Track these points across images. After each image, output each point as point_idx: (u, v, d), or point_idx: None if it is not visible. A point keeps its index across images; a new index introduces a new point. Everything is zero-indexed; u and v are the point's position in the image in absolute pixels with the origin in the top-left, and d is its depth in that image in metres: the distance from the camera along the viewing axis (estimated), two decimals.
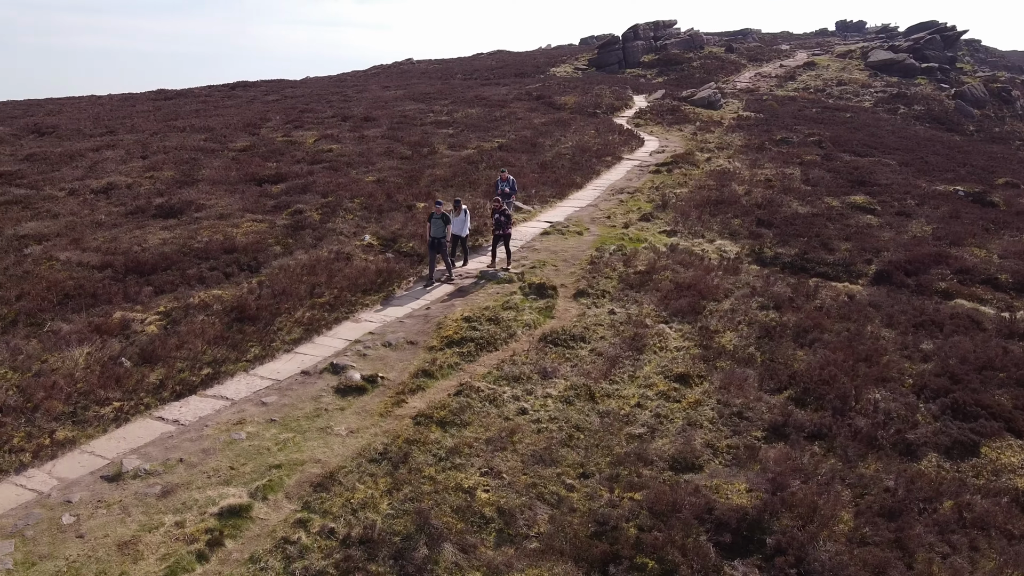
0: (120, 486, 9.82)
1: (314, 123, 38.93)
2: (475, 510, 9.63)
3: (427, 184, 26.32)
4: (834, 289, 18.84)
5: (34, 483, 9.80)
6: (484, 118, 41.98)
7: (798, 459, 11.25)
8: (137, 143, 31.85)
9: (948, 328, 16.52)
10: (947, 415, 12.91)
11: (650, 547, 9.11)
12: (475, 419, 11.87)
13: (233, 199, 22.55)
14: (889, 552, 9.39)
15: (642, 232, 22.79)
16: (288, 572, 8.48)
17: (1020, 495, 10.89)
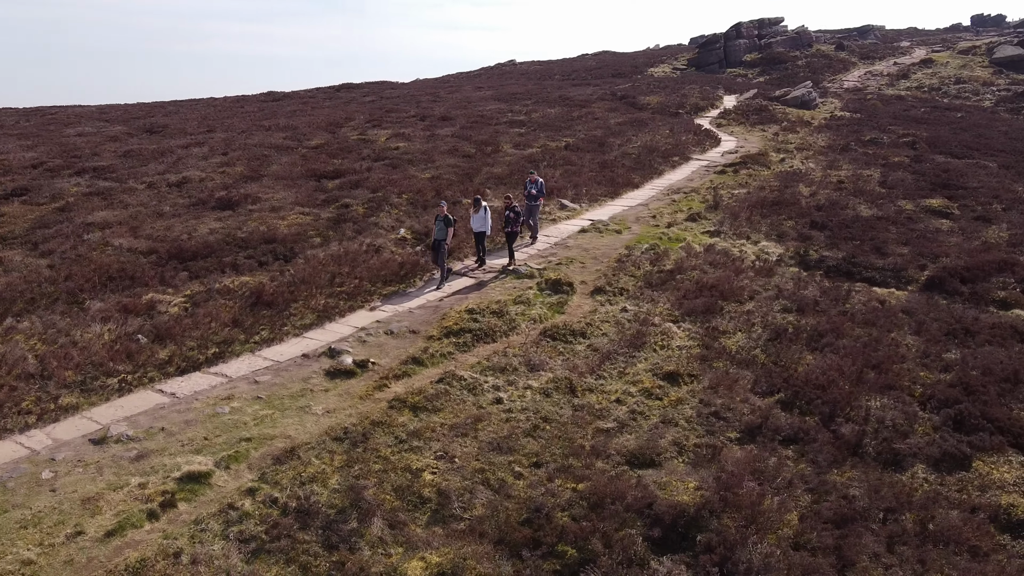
0: (102, 449, 10.75)
1: (393, 122, 40.23)
2: (415, 490, 9.99)
3: (481, 181, 26.83)
4: (871, 294, 18.06)
5: (31, 442, 10.87)
6: (561, 118, 42.17)
7: (764, 462, 11.00)
8: (223, 141, 33.92)
9: (983, 338, 15.58)
10: (948, 426, 12.28)
11: (574, 536, 9.21)
12: (448, 406, 12.22)
13: (289, 193, 23.78)
14: (824, 559, 9.11)
15: (684, 232, 22.47)
16: (224, 535, 9.10)
17: (1001, 512, 10.28)
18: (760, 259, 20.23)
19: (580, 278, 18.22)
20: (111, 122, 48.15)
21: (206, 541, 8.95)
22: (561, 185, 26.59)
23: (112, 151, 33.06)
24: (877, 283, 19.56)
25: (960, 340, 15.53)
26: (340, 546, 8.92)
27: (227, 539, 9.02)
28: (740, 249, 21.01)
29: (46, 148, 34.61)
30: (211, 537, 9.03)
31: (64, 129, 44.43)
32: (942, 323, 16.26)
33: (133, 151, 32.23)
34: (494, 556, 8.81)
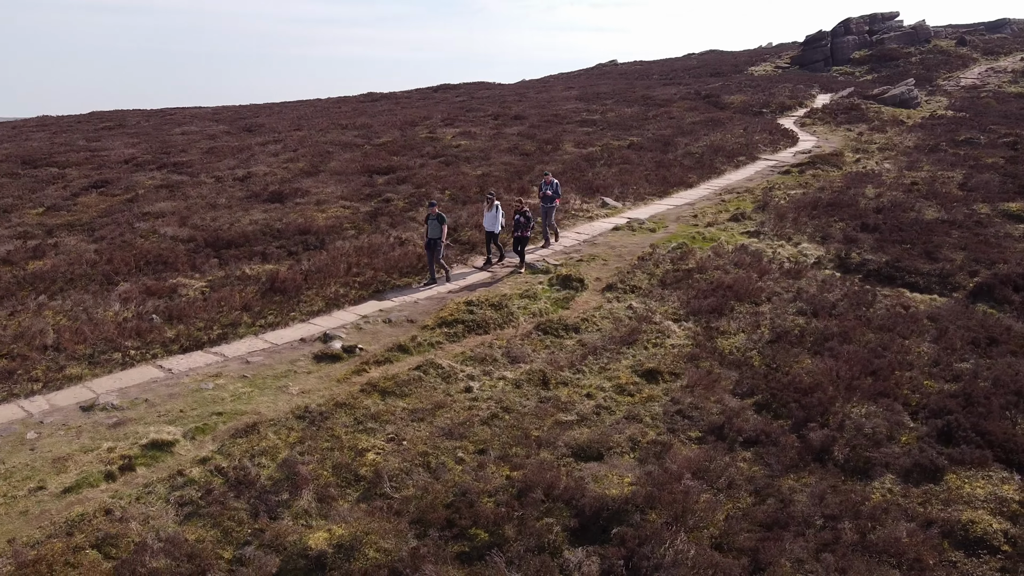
0: (88, 415, 11.71)
1: (466, 121, 40.97)
2: (353, 469, 10.38)
3: (531, 179, 27.03)
4: (901, 299, 17.16)
5: (31, 406, 11.97)
6: (635, 117, 41.79)
7: (713, 461, 10.78)
8: (299, 139, 35.55)
9: (1008, 348, 14.57)
10: (932, 438, 11.64)
11: (490, 520, 9.36)
12: (417, 392, 12.57)
13: (338, 187, 24.77)
14: (738, 560, 8.89)
15: (722, 232, 21.97)
16: (166, 498, 9.77)
17: (958, 528, 9.69)
18: (794, 261, 19.54)
19: (596, 275, 18.19)
20: (218, 122, 51.10)
21: (148, 502, 9.64)
22: (609, 183, 26.46)
23: (200, 148, 35.26)
24: (920, 288, 18.56)
25: (983, 350, 14.58)
26: (264, 515, 9.42)
27: (167, 502, 9.68)
28: (775, 250, 20.35)
29: (147, 145, 37.27)
30: (154, 499, 9.72)
31: (173, 129, 47.55)
32: (968, 331, 15.30)
33: (217, 148, 34.28)
34: (403, 534, 9.08)
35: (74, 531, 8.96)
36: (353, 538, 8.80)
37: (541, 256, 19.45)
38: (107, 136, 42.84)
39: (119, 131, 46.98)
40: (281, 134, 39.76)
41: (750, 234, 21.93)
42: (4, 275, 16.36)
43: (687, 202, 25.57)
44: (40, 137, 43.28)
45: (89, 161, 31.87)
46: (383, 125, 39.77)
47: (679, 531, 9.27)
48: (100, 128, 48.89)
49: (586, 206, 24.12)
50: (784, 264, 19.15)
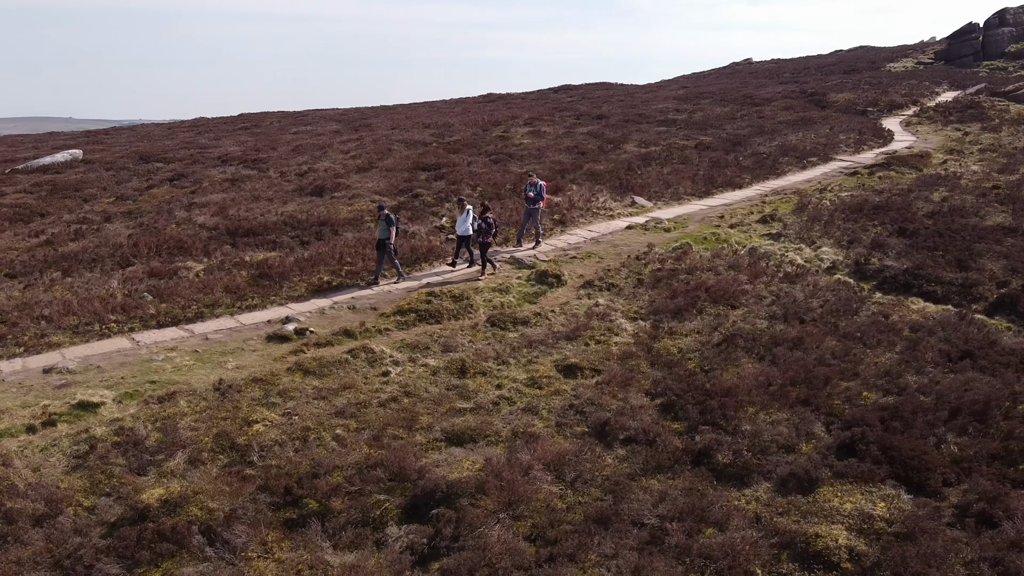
0: (44, 377, 13.23)
1: (547, 121, 41.29)
2: (232, 438, 11.19)
3: (576, 177, 27.09)
4: (902, 308, 16.03)
5: (6, 366, 13.66)
6: (722, 116, 40.56)
7: (576, 456, 10.76)
8: (378, 137, 37.23)
9: (983, 364, 13.36)
10: (832, 449, 11.05)
11: (323, 492, 9.88)
12: (336, 373, 13.25)
13: (379, 183, 25.94)
14: (543, 549, 8.95)
15: (742, 233, 21.23)
16: (65, 451, 10.97)
17: (800, 540, 9.22)
18: (799, 265, 18.62)
19: (580, 272, 18.19)
20: (339, 122, 53.97)
21: (49, 453, 10.88)
22: (647, 183, 26.11)
23: (289, 145, 37.70)
24: (936, 298, 17.24)
25: (950, 364, 13.46)
26: (135, 471, 10.40)
27: (64, 454, 10.88)
28: (787, 253, 19.45)
29: (254, 143, 40.24)
30: (55, 451, 10.94)
31: (292, 129, 50.73)
32: (946, 344, 14.15)
33: (303, 145, 36.55)
34: (234, 496, 9.77)
35: None
36: (181, 496, 9.58)
37: (534, 253, 19.60)
38: (231, 135, 46.43)
39: (247, 131, 50.63)
40: (375, 132, 41.71)
41: (771, 236, 21.06)
42: (39, 253, 18.57)
43: (725, 203, 24.78)
44: (180, 136, 47.52)
45: (190, 157, 34.89)
46: (465, 124, 40.84)
47: (499, 518, 9.42)
48: (236, 128, 52.87)
49: (612, 205, 23.95)
50: (786, 268, 18.31)
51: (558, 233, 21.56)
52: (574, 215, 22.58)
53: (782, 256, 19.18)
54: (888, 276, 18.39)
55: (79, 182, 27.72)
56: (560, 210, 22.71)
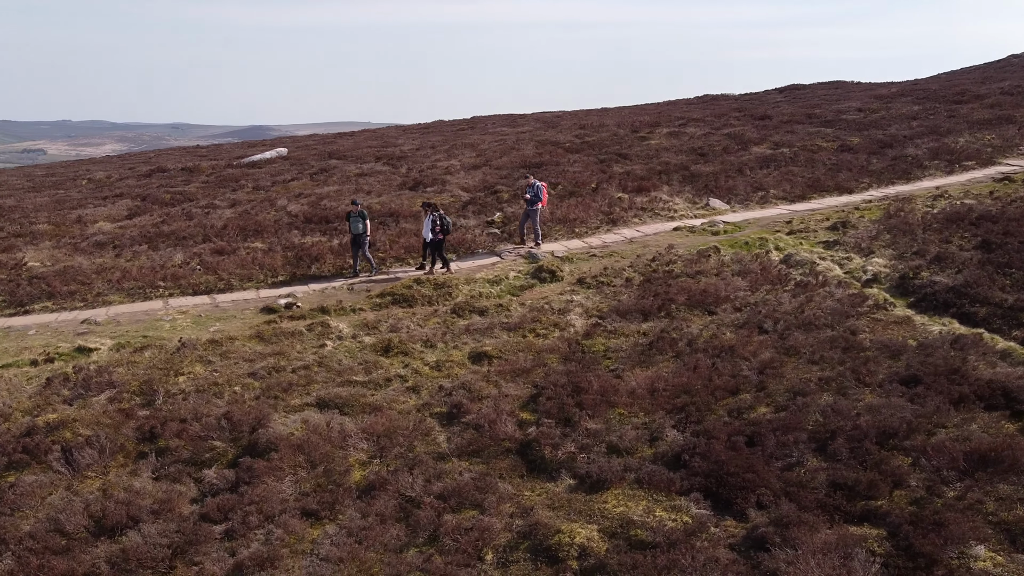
0: (78, 326, 16.28)
1: (706, 122, 40.00)
2: (153, 384, 13.18)
3: (672, 179, 26.51)
4: (893, 326, 14.35)
5: (62, 316, 16.98)
6: (903, 116, 36.58)
7: (408, 431, 11.37)
8: (520, 135, 38.63)
9: (925, 392, 11.73)
10: (664, 457, 10.67)
11: (169, 432, 11.50)
12: (282, 341, 14.87)
13: (473, 180, 27.33)
14: (308, 500, 9.83)
15: (794, 240, 19.74)
16: (39, 379, 13.65)
17: (552, 538, 9.13)
18: (833, 276, 17.04)
19: (585, 269, 18.23)
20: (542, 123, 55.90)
21: (28, 379, 13.63)
22: (732, 186, 24.90)
23: (452, 144, 40.33)
24: (974, 320, 15.09)
25: (887, 388, 11.98)
26: (66, 401, 12.76)
27: (37, 382, 13.55)
28: (824, 263, 17.86)
29: (437, 140, 43.54)
30: (33, 380, 13.67)
31: (492, 128, 53.56)
32: (905, 368, 12.55)
33: (457, 145, 38.96)
34: (110, 428, 11.67)
35: None
36: (62, 421, 11.67)
37: (551, 250, 19.84)
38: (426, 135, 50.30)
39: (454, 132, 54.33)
40: (530, 132, 43.21)
41: (826, 244, 19.35)
42: (146, 231, 22.34)
43: (813, 208, 22.95)
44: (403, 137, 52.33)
45: (366, 155, 38.70)
46: (619, 125, 40.91)
47: (291, 472, 10.43)
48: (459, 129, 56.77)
49: (678, 206, 23.20)
50: (809, 278, 16.89)
51: (603, 232, 21.50)
52: (628, 215, 22.29)
53: (815, 266, 17.66)
54: (928, 292, 16.27)
55: (243, 175, 32.23)
56: (613, 209, 22.54)
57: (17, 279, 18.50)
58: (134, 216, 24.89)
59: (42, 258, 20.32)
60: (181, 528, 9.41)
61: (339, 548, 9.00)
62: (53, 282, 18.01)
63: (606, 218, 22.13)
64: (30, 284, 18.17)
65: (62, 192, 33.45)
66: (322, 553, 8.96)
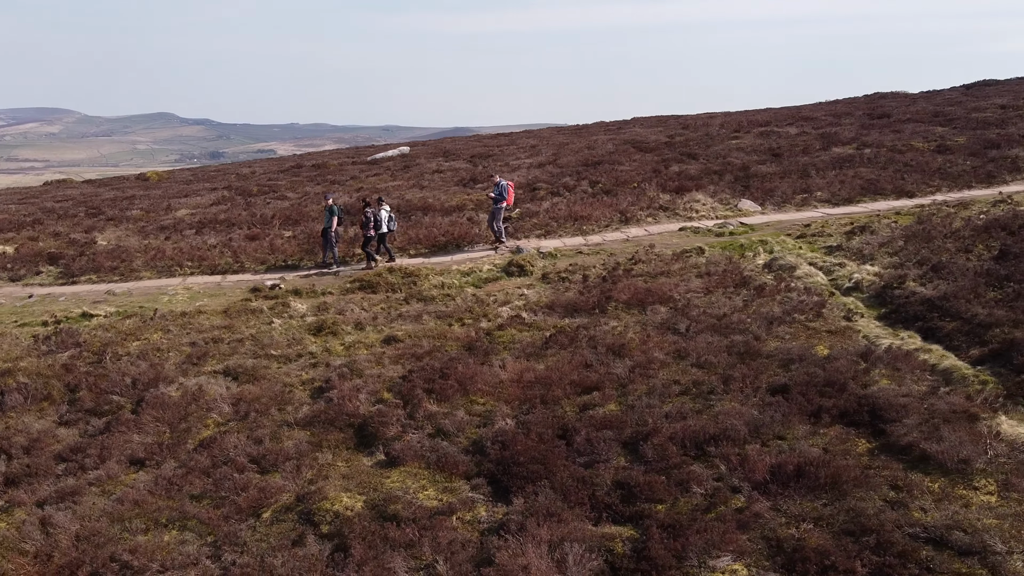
0: (99, 296, 18.74)
1: (810, 122, 37.65)
2: (111, 346, 15.05)
3: (722, 179, 25.57)
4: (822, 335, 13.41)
5: (94, 287, 19.56)
6: None
7: (268, 401, 12.33)
8: (615, 134, 38.40)
9: (782, 401, 11.02)
10: (478, 443, 10.89)
11: (84, 385, 13.19)
12: (240, 317, 16.34)
13: (523, 176, 27.80)
14: (151, 439, 11.09)
15: (800, 244, 18.60)
16: (38, 338, 15.99)
17: (313, 498, 9.79)
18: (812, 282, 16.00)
19: (559, 266, 18.32)
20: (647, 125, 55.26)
21: (27, 337, 16.03)
22: (772, 187, 23.60)
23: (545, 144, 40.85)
24: (936, 337, 13.73)
25: (751, 395, 11.34)
26: (41, 354, 14.91)
27: (33, 339, 15.90)
28: (813, 269, 16.77)
29: (530, 142, 44.47)
30: (34, 338, 16.05)
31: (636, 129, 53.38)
32: (787, 379, 11.79)
33: (534, 144, 39.40)
34: (52, 377, 13.55)
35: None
36: (9, 370, 13.70)
37: (538, 246, 19.98)
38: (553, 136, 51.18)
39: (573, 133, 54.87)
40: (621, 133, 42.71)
41: (828, 250, 18.08)
42: (205, 218, 24.89)
43: (851, 212, 21.35)
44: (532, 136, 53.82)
45: (463, 153, 40.30)
46: (722, 124, 39.52)
47: (152, 424, 11.74)
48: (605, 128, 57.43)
49: (702, 206, 22.36)
50: (770, 282, 16.00)
51: (610, 230, 21.28)
52: (643, 215, 21.86)
53: (794, 271, 16.63)
54: (903, 304, 14.91)
55: (345, 171, 34.73)
56: (629, 208, 22.16)
57: (79, 255, 21.49)
58: (214, 205, 27.76)
59: (110, 238, 23.39)
60: (32, 463, 10.93)
61: (136, 491, 10.10)
62: (100, 258, 20.77)
63: (620, 217, 21.85)
64: (84, 259, 21.05)
65: (199, 185, 37.69)
66: (119, 494, 10.10)
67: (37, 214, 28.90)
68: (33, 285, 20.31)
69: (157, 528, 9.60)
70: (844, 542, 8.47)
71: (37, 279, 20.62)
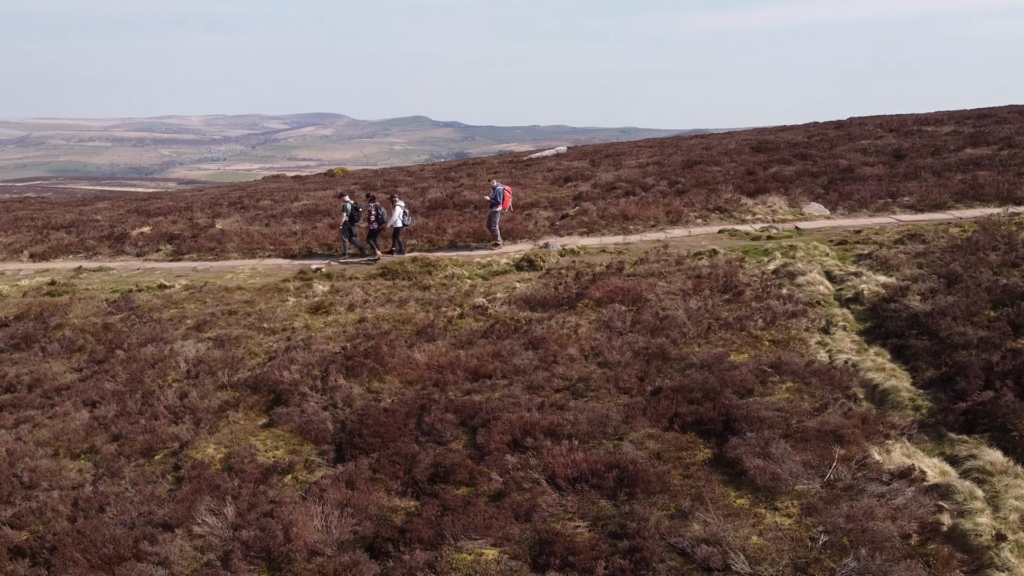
0: (184, 271, 21.68)
1: (967, 122, 33.44)
2: (148, 312, 17.59)
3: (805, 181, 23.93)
4: (765, 344, 12.70)
5: (186, 264, 22.62)
6: None
7: (216, 361, 13.97)
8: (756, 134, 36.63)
9: (653, 407, 10.77)
10: (356, 413, 11.78)
11: (87, 330, 15.65)
12: (265, 295, 18.28)
13: (614, 176, 27.71)
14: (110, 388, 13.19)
15: (828, 249, 17.24)
16: (112, 300, 19.02)
17: (180, 449, 11.26)
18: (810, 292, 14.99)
19: (570, 262, 18.45)
20: None
21: (109, 300, 19.10)
22: (850, 191, 21.69)
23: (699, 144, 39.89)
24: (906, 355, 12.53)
25: (619, 395, 11.15)
26: (101, 314, 17.80)
27: (107, 303, 18.92)
28: (819, 277, 15.60)
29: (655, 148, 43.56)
30: (107, 301, 19.10)
31: None
32: (671, 382, 11.42)
33: (695, 145, 38.44)
34: (85, 334, 16.23)
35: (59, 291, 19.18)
36: (62, 324, 16.53)
37: (564, 243, 20.06)
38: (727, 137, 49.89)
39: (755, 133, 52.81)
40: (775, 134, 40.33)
41: (858, 258, 16.62)
42: (308, 209, 27.47)
43: (932, 219, 19.18)
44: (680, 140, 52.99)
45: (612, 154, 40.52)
46: (879, 124, 36.31)
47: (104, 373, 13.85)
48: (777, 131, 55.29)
49: (760, 211, 21.10)
50: (752, 290, 15.15)
51: (649, 231, 20.79)
52: (693, 215, 21.10)
53: (795, 278, 15.56)
54: (890, 318, 13.56)
55: (479, 165, 36.48)
56: (681, 209, 21.46)
57: (192, 237, 24.86)
58: (335, 198, 30.55)
59: (226, 224, 26.69)
60: (22, 397, 13.40)
61: (72, 427, 12.09)
62: (203, 240, 23.93)
63: (669, 218, 21.30)
64: (192, 240, 24.35)
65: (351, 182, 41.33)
66: (59, 427, 12.14)
67: (202, 201, 33.52)
68: (150, 260, 23.88)
69: (68, 457, 11.52)
70: (602, 544, 8.41)
71: (155, 255, 24.20)
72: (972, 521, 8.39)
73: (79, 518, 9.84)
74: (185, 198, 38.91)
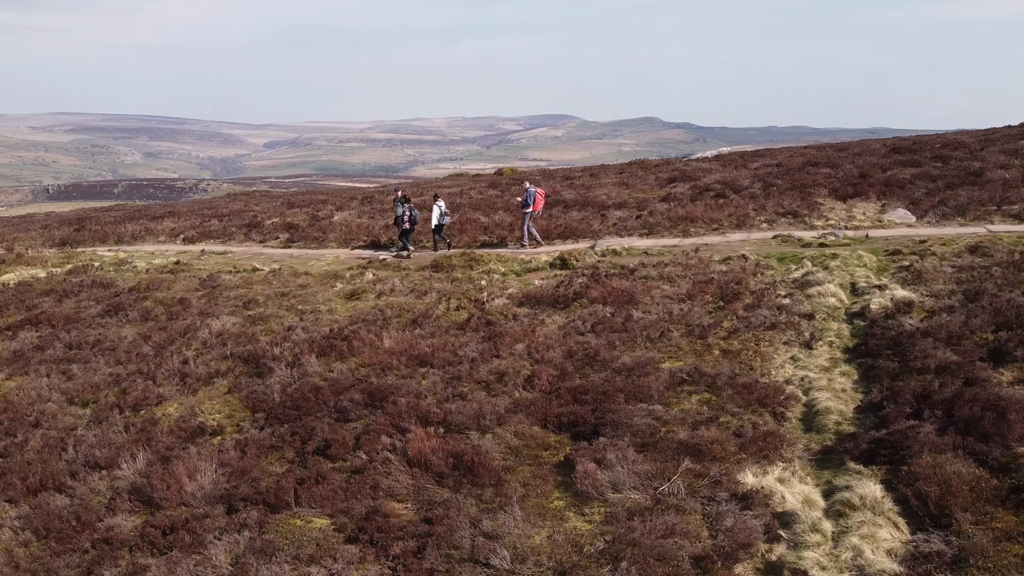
0: (280, 256, 24.00)
1: None
2: (223, 290, 19.81)
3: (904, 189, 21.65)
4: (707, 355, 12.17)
5: (286, 251, 24.99)
6: None
7: (238, 336, 15.61)
8: None
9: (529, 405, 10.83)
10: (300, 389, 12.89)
11: (170, 315, 17.96)
12: (320, 280, 19.89)
13: (735, 176, 26.66)
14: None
15: (870, 259, 15.74)
16: (206, 278, 21.63)
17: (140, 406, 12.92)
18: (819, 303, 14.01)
19: (592, 262, 18.33)
20: None
21: (198, 280, 21.76)
22: (946, 197, 19.33)
23: None
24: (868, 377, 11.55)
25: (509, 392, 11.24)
26: (195, 290, 20.35)
27: (198, 280, 21.54)
28: (836, 289, 14.44)
29: None
30: (197, 281, 21.73)
31: None
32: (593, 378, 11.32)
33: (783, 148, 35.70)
34: (165, 305, 18.69)
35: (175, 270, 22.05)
36: (147, 296, 19.12)
37: (608, 244, 19.76)
38: None
39: None
40: None
41: (897, 270, 15.10)
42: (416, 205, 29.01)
43: (1009, 230, 16.86)
44: None
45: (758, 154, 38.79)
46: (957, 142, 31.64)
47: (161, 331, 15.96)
48: None
49: (846, 214, 19.48)
50: (756, 298, 14.29)
51: (714, 234, 19.92)
52: (760, 220, 19.88)
53: (807, 288, 14.48)
54: (878, 335, 12.38)
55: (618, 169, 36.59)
56: (747, 213, 20.28)
57: (307, 227, 27.32)
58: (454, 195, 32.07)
59: (343, 216, 28.96)
60: (72, 353, 15.80)
61: (91, 380, 14.18)
62: (309, 230, 26.26)
63: (734, 221, 20.27)
64: (302, 231, 26.77)
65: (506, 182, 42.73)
66: (83, 379, 14.28)
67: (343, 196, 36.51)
68: (268, 246, 26.60)
69: (78, 404, 13.58)
70: (412, 525, 8.79)
71: (273, 242, 26.90)
72: (797, 554, 7.78)
73: (44, 452, 11.68)
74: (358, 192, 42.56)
